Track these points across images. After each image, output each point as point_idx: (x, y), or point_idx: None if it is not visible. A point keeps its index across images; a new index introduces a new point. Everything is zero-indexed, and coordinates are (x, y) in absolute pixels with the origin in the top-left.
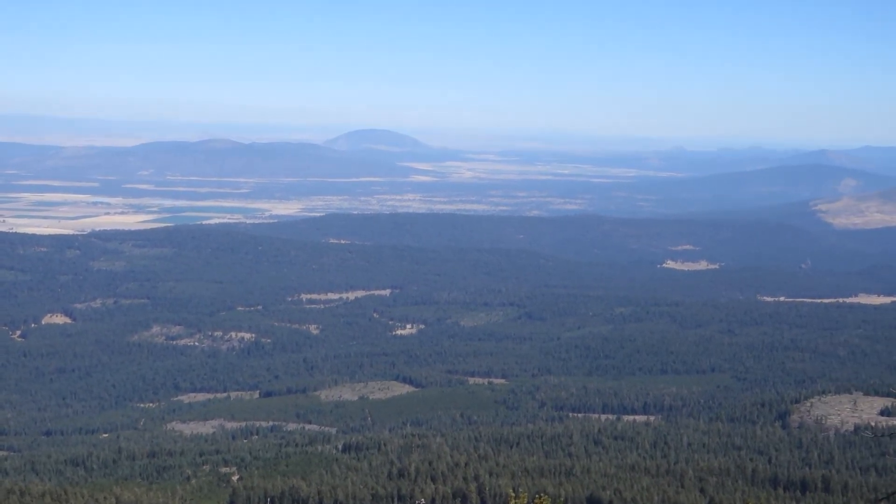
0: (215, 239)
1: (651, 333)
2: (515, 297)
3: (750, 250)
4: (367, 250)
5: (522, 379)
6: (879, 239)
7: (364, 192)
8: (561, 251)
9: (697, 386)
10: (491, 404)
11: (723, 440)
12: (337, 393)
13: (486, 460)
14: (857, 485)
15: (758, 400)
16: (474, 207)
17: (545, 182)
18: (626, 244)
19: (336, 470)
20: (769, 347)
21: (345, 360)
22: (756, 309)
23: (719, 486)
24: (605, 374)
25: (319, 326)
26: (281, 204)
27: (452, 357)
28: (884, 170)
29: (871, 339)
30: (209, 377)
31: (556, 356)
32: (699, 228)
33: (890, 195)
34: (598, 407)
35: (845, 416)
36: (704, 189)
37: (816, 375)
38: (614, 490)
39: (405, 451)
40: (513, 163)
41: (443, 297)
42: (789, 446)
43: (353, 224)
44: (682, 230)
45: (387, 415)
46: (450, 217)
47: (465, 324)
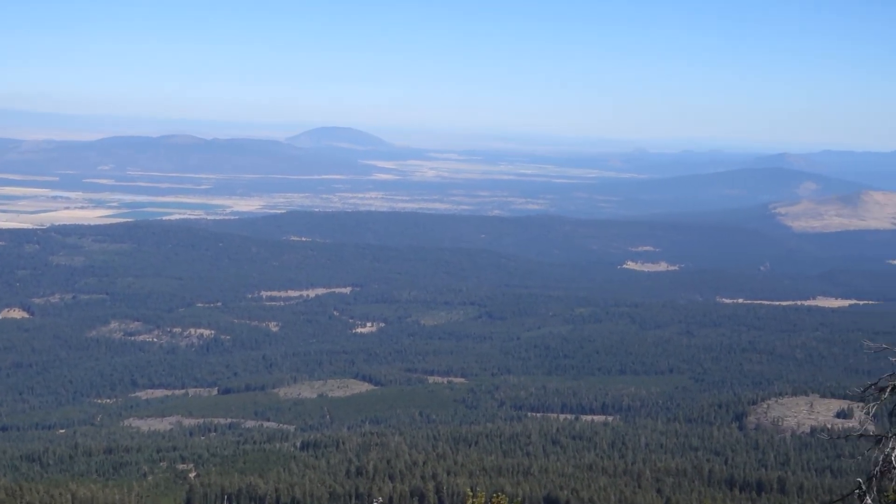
0: (175, 235)
1: (610, 334)
2: (476, 297)
3: (709, 252)
4: (329, 248)
5: (482, 378)
6: (838, 242)
7: (326, 190)
8: (522, 251)
9: (656, 387)
10: (450, 403)
11: (680, 441)
12: (296, 390)
13: (444, 459)
14: (813, 486)
15: (715, 401)
16: (436, 206)
17: (507, 182)
18: (587, 245)
19: (294, 468)
20: (727, 349)
21: (304, 357)
22: (715, 311)
23: (676, 486)
24: (565, 374)
25: (279, 324)
26: (242, 200)
27: (412, 355)
28: (843, 174)
29: (829, 341)
30: (167, 374)
31: (515, 356)
32: (659, 230)
33: (849, 199)
34: (556, 407)
35: (802, 418)
36: (665, 191)
37: (773, 377)
38: (571, 490)
39: (363, 450)
40: (475, 162)
41: (403, 296)
42: (746, 447)
43: (314, 222)
44: (643, 231)
45: (346, 413)
46: (411, 216)
47: (426, 322)
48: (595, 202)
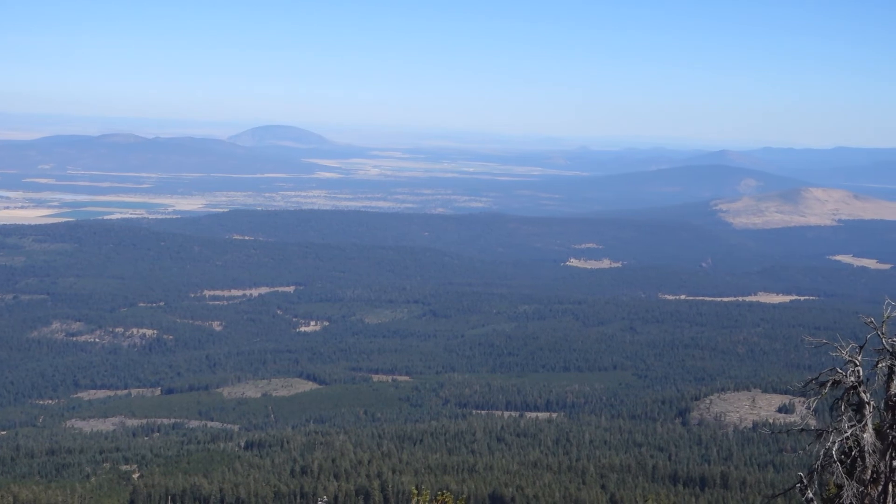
0: (117, 234)
1: (554, 331)
2: (420, 295)
3: (652, 249)
4: (272, 247)
5: (426, 376)
6: (779, 239)
7: (269, 189)
8: (465, 249)
9: (599, 383)
10: (395, 401)
11: (624, 437)
12: (240, 390)
13: (389, 457)
14: (755, 481)
15: (658, 397)
16: (379, 205)
17: (451, 180)
18: (530, 242)
19: (238, 467)
20: (670, 345)
21: (248, 357)
22: (657, 307)
23: (620, 482)
24: (509, 372)
25: (222, 323)
26: (184, 199)
27: (356, 354)
28: (783, 171)
29: (770, 337)
30: (110, 374)
31: (460, 353)
32: (602, 227)
33: (789, 196)
34: (501, 404)
35: (744, 413)
36: (608, 188)
37: (716, 373)
38: (516, 487)
39: (308, 449)
40: (419, 160)
41: (347, 294)
42: (689, 443)
43: (257, 220)
44: (586, 229)
45: (290, 412)
46: (355, 214)
47: (370, 321)
48: (539, 200)
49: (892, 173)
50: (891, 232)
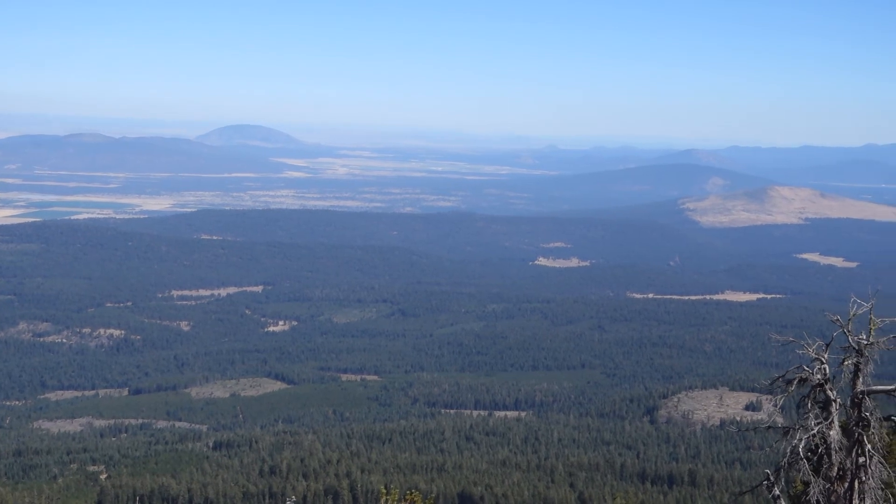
0: (84, 234)
1: (522, 330)
2: (388, 294)
3: (620, 248)
4: (239, 246)
5: (395, 375)
6: (746, 237)
7: (236, 188)
8: (434, 248)
9: (568, 382)
10: (363, 401)
11: (592, 435)
12: (208, 390)
13: (358, 457)
14: (723, 478)
15: (627, 395)
16: (348, 204)
17: (419, 179)
18: (499, 241)
19: (207, 468)
20: (638, 344)
21: (216, 357)
22: (626, 306)
23: (589, 480)
24: (478, 371)
25: (190, 323)
26: (152, 199)
27: (325, 354)
28: (750, 169)
29: (737, 335)
30: (77, 374)
31: (428, 353)
32: (571, 226)
33: (756, 195)
34: (470, 403)
35: (711, 411)
36: (576, 187)
37: (684, 371)
38: (485, 485)
39: (277, 449)
40: (387, 159)
41: (315, 294)
42: (657, 441)
43: (225, 220)
44: (554, 228)
45: (258, 412)
46: (323, 213)
47: (338, 320)
48: (507, 199)
49: (858, 172)
50: (857, 230)
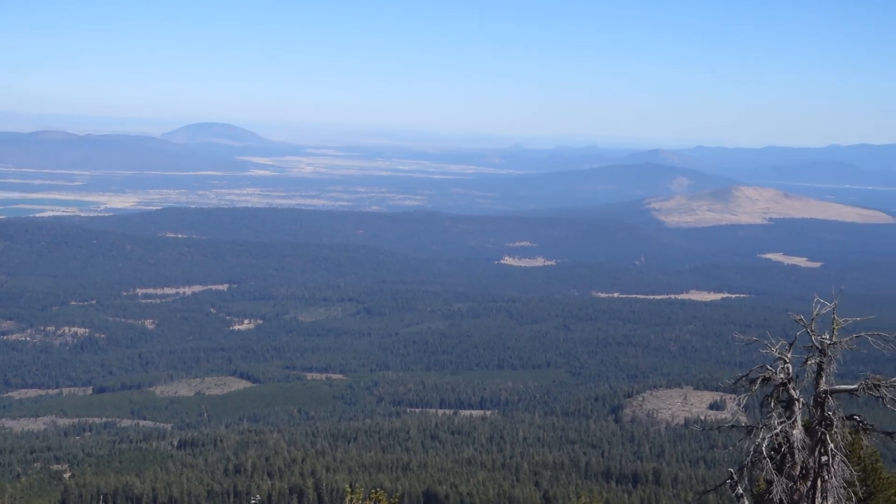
0: (48, 232)
1: (488, 329)
2: (354, 293)
3: (586, 247)
4: (205, 245)
5: (360, 374)
6: (710, 237)
7: (202, 186)
8: (400, 247)
9: (533, 381)
10: (329, 400)
11: (557, 434)
12: (173, 389)
13: (323, 456)
14: (687, 477)
15: (591, 394)
16: (314, 202)
17: (385, 178)
18: (465, 240)
19: (171, 466)
20: (603, 343)
21: (181, 355)
22: (591, 305)
23: (553, 479)
24: (443, 370)
25: (155, 321)
26: (117, 197)
27: (290, 352)
28: (715, 169)
29: (702, 334)
30: (41, 373)
31: (394, 351)
32: (536, 225)
33: (720, 195)
34: (435, 402)
35: (676, 410)
36: (542, 187)
37: (648, 370)
38: (450, 484)
39: (241, 447)
40: (354, 158)
41: (281, 293)
42: (622, 440)
43: (190, 218)
44: (520, 227)
45: (223, 411)
46: (289, 212)
47: (304, 319)
48: (473, 198)
49: (821, 172)
50: (820, 230)
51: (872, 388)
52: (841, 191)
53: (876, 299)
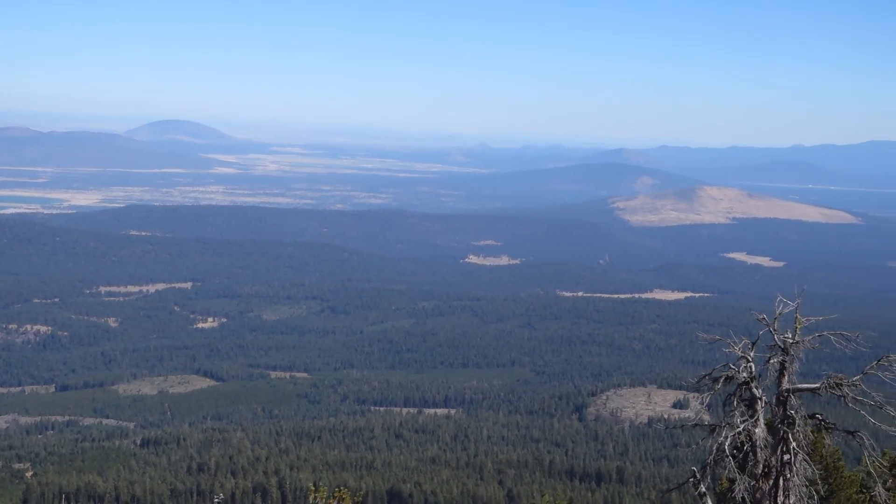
0: (11, 229)
1: (453, 327)
2: (318, 291)
3: (550, 246)
4: (169, 242)
5: (325, 373)
6: (674, 236)
7: (166, 184)
8: (365, 245)
9: (498, 379)
10: (293, 398)
11: (521, 433)
12: (136, 387)
13: (286, 454)
14: (650, 475)
15: (556, 393)
16: (278, 200)
17: (350, 176)
18: (430, 239)
19: (134, 465)
20: (567, 341)
21: (144, 353)
22: (555, 304)
23: (518, 478)
24: (408, 368)
25: (118, 319)
26: (80, 194)
27: (254, 351)
28: (679, 169)
29: (665, 333)
30: (3, 371)
31: (358, 350)
32: (501, 224)
33: (684, 194)
34: (399, 400)
35: (640, 409)
36: (507, 185)
37: (612, 369)
38: (415, 483)
39: (205, 446)
40: (318, 156)
41: (245, 291)
42: (586, 438)
43: (154, 216)
44: (485, 226)
45: (187, 409)
46: (253, 210)
47: (268, 317)
48: (438, 197)
49: (785, 172)
50: (784, 230)
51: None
52: (804, 191)
53: (838, 299)
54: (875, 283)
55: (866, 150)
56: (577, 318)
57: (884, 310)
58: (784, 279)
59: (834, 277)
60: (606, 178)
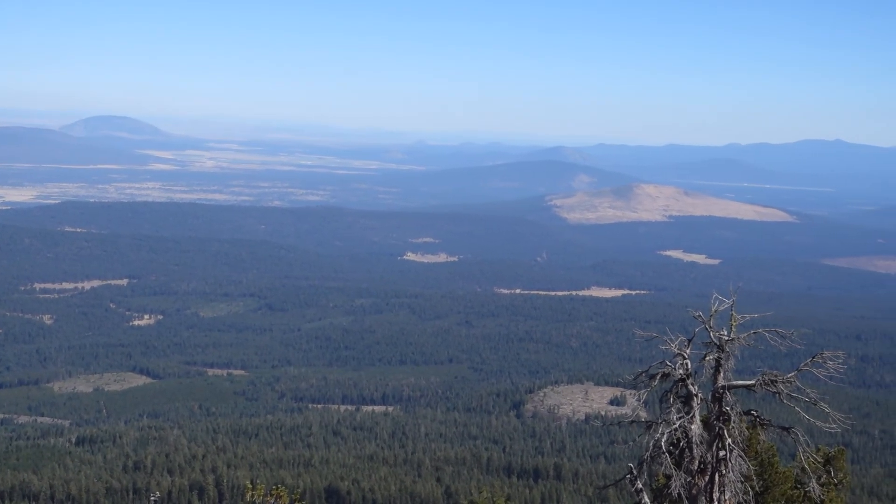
0: None
1: (391, 325)
2: (256, 288)
3: (488, 243)
4: (104, 239)
5: (262, 370)
6: (611, 233)
7: (101, 180)
8: (302, 242)
9: (436, 376)
10: (230, 396)
11: (459, 430)
12: (71, 385)
13: (224, 452)
14: (588, 472)
15: (493, 390)
16: (215, 197)
17: (288, 173)
18: (368, 236)
19: (69, 463)
20: (505, 338)
21: (80, 351)
22: (493, 301)
23: (455, 474)
24: (345, 365)
25: (53, 317)
26: (14, 190)
27: (191, 348)
28: (616, 167)
29: (602, 330)
30: None
31: (296, 347)
32: (439, 221)
33: (621, 192)
34: (337, 398)
35: (577, 406)
36: (445, 183)
37: (550, 366)
38: (352, 480)
39: (141, 444)
40: (256, 153)
41: (182, 288)
42: (523, 435)
43: (89, 212)
44: (423, 223)
45: (123, 407)
46: (190, 206)
47: (205, 315)
48: (376, 194)
49: (721, 171)
50: (719, 228)
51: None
52: (739, 189)
53: (773, 296)
54: (809, 281)
55: (801, 149)
56: (514, 316)
57: (818, 307)
58: (720, 277)
59: (769, 275)
60: (545, 175)
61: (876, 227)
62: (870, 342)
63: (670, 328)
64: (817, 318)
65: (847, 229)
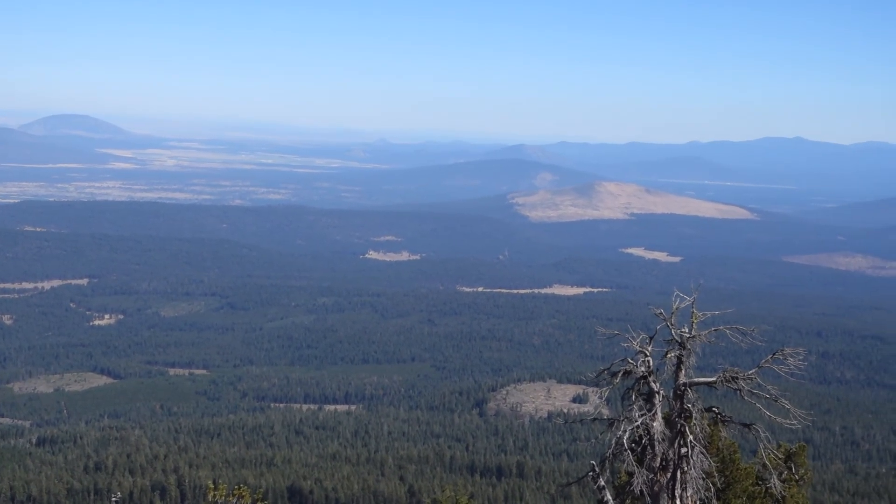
0: None
1: (353, 323)
2: (217, 287)
3: (451, 242)
4: (64, 238)
5: (224, 369)
6: (573, 231)
7: (61, 179)
8: (264, 241)
9: (398, 375)
10: (192, 395)
11: (422, 428)
12: (31, 385)
13: (186, 452)
14: (550, 470)
15: (456, 388)
16: (176, 196)
17: (249, 171)
18: (330, 235)
19: (30, 464)
20: (467, 337)
21: (40, 351)
22: (455, 299)
23: (418, 473)
24: (308, 364)
25: (13, 317)
26: None
27: (152, 348)
28: (578, 165)
29: (565, 328)
30: None
31: (258, 346)
32: (402, 220)
33: (583, 190)
34: (299, 397)
35: (539, 404)
36: (408, 181)
37: (512, 364)
38: (315, 479)
39: (102, 444)
40: (217, 151)
41: (143, 287)
42: (486, 433)
43: (49, 211)
44: (385, 221)
45: (83, 407)
46: (150, 205)
47: (166, 314)
48: (338, 192)
49: (682, 169)
50: (680, 225)
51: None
52: (700, 186)
53: (734, 293)
54: (770, 278)
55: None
56: (476, 314)
57: (778, 304)
58: (681, 274)
59: (730, 272)
60: (507, 173)
61: (836, 225)
62: (830, 339)
63: (632, 326)
64: (778, 316)
65: (808, 227)
